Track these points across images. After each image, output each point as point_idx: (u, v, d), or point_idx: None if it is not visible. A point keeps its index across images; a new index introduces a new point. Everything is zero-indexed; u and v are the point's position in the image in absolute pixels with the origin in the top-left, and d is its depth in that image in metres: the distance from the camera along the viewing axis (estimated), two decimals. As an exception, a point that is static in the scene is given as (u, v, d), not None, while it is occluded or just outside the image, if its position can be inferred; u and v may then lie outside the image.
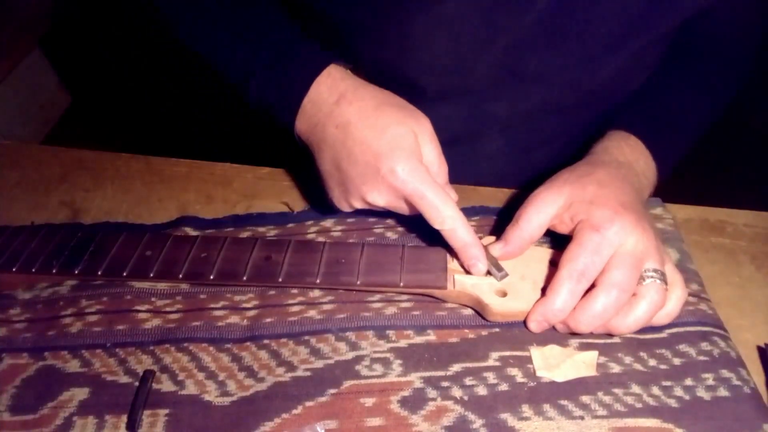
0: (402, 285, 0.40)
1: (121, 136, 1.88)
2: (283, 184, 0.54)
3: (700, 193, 0.76)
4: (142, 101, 1.94)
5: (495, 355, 0.38)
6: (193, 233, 0.46)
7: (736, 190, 1.40)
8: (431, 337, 0.40)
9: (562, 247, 0.38)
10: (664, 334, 0.39)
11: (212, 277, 0.40)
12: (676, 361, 0.38)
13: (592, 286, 0.37)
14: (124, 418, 0.35)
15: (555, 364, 0.38)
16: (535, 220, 0.40)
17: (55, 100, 1.89)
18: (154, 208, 0.51)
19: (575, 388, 0.36)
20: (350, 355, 0.39)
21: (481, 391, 0.36)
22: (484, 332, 0.40)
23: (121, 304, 0.42)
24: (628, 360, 0.38)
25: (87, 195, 0.53)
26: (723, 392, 0.36)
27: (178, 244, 0.43)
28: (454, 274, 0.41)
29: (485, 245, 0.40)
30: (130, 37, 1.90)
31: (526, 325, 0.39)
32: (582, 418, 0.35)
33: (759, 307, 0.44)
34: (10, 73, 1.61)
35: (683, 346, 0.39)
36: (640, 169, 0.45)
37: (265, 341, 0.39)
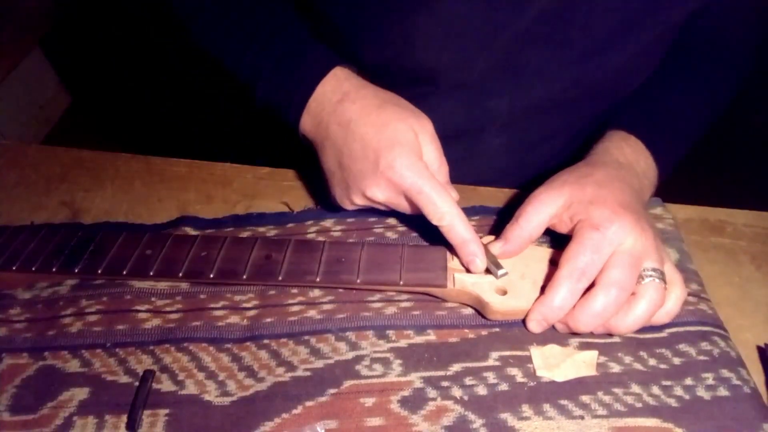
0: (402, 283, 0.40)
1: (121, 136, 1.88)
2: (283, 184, 0.54)
3: (700, 193, 0.76)
4: (142, 101, 1.95)
5: (495, 354, 0.38)
6: (193, 233, 0.46)
7: (736, 190, 1.40)
8: (431, 336, 0.40)
9: (561, 246, 0.39)
10: (664, 333, 0.39)
11: (212, 276, 0.40)
12: (676, 361, 0.38)
13: (591, 286, 0.37)
14: (124, 418, 0.35)
15: (555, 363, 0.38)
16: (535, 219, 0.40)
17: (55, 100, 1.89)
18: (154, 208, 0.51)
19: (575, 388, 0.36)
20: (350, 355, 0.39)
21: (481, 391, 0.36)
22: (484, 332, 0.40)
23: (121, 304, 0.42)
24: (628, 359, 0.38)
25: (87, 195, 0.53)
26: (723, 392, 0.36)
27: (178, 244, 0.43)
28: (454, 273, 0.41)
29: (485, 244, 0.40)
30: (130, 37, 1.91)
31: (525, 324, 0.39)
32: (582, 418, 0.35)
33: (759, 307, 0.44)
34: (10, 73, 1.61)
35: (683, 346, 0.39)
36: (640, 169, 0.45)
37: (265, 341, 0.39)
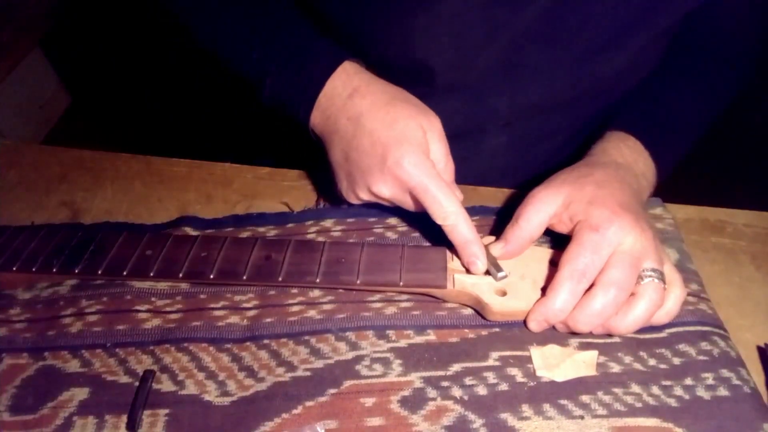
0: (402, 284, 0.40)
1: (121, 136, 1.88)
2: (283, 184, 0.54)
3: (700, 193, 0.76)
4: (142, 101, 1.94)
5: (495, 354, 0.38)
6: (193, 233, 0.46)
7: (736, 190, 1.40)
8: (431, 336, 0.40)
9: (561, 246, 0.39)
10: (664, 333, 0.39)
11: (212, 276, 0.40)
12: (676, 361, 0.38)
13: (591, 286, 0.37)
14: (124, 418, 0.35)
15: (555, 363, 0.38)
16: (535, 219, 0.40)
17: (55, 100, 1.89)
18: (154, 208, 0.51)
19: (575, 388, 0.37)
20: (350, 355, 0.39)
21: (481, 391, 0.36)
22: (484, 332, 0.40)
23: (121, 304, 0.42)
24: (627, 359, 0.38)
25: (87, 195, 0.53)
26: (723, 392, 0.36)
27: (178, 244, 0.43)
28: (454, 274, 0.41)
29: (485, 245, 0.40)
30: (130, 37, 1.90)
31: (526, 324, 0.39)
32: (582, 418, 0.35)
33: (759, 307, 0.44)
34: (10, 73, 1.61)
35: (683, 346, 0.39)
36: (639, 170, 0.45)
37: (265, 341, 0.39)
